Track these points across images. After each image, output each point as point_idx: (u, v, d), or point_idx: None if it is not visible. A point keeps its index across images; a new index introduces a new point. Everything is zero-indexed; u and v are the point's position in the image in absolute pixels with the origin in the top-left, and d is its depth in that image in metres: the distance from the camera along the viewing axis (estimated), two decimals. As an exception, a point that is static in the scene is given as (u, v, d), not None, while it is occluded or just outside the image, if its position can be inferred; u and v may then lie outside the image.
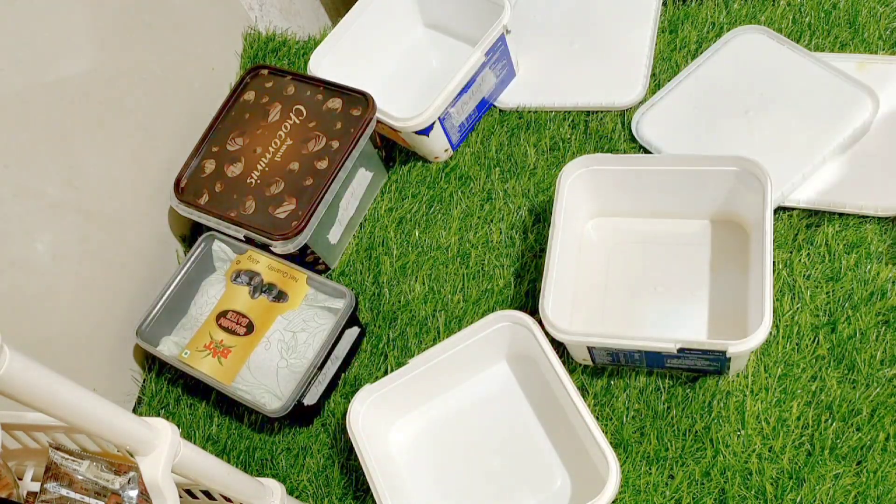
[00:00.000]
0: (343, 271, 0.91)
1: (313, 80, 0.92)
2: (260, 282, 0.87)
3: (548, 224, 0.83)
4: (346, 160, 0.85)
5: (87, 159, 0.83)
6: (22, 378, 0.41)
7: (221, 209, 0.87)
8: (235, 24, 1.09)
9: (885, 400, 0.68)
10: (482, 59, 0.87)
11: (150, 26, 0.91)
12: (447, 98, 0.86)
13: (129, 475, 0.59)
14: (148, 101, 0.92)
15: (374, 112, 0.87)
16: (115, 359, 0.90)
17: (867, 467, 0.66)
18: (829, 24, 0.88)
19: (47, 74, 0.77)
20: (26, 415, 0.60)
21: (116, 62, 0.86)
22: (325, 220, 0.86)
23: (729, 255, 0.78)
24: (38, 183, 0.78)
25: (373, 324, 0.87)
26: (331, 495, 0.79)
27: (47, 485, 0.59)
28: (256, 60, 1.08)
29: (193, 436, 0.86)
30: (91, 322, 0.86)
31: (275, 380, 0.82)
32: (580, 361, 0.77)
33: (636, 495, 0.71)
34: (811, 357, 0.72)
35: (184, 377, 0.90)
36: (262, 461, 0.83)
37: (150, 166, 0.92)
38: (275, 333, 0.84)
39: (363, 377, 0.85)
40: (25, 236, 0.77)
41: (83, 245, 0.84)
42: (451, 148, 0.93)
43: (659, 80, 0.91)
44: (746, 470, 0.69)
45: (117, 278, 0.89)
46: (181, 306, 0.90)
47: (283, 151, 0.89)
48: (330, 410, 0.84)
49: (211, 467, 0.56)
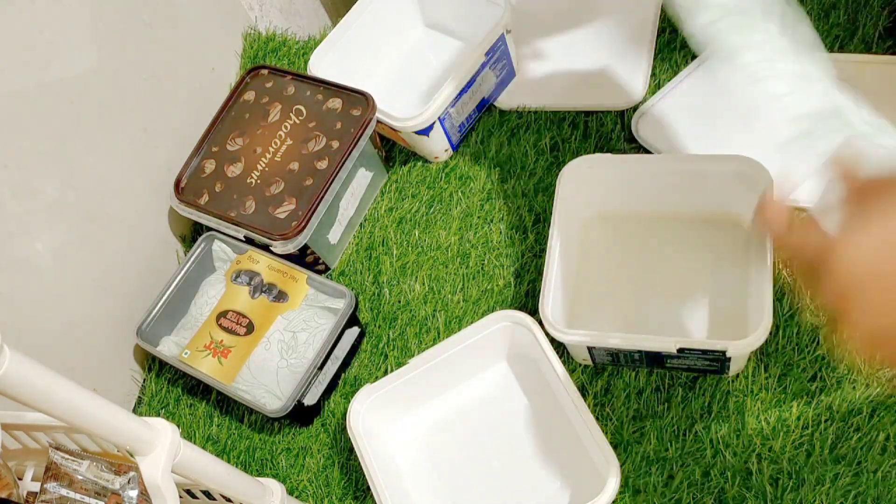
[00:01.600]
0: (343, 271, 0.91)
1: (313, 80, 0.92)
2: (260, 282, 0.87)
3: (548, 224, 0.83)
4: (346, 160, 0.85)
5: (87, 159, 0.83)
6: (22, 378, 0.41)
7: (221, 209, 0.87)
8: (235, 24, 1.09)
9: (885, 400, 0.68)
10: (482, 59, 0.87)
11: (150, 26, 0.91)
12: (447, 98, 0.86)
13: (129, 475, 0.60)
14: (148, 101, 0.92)
15: (374, 112, 0.87)
16: (115, 359, 0.90)
17: (867, 467, 0.66)
18: (829, 24, 0.88)
19: (47, 74, 0.77)
20: (26, 415, 0.60)
21: (116, 62, 0.86)
22: (325, 220, 0.86)
23: (729, 255, 0.78)
24: (38, 183, 0.78)
25: (373, 324, 0.87)
26: (331, 495, 0.79)
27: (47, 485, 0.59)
28: (256, 60, 1.08)
29: (193, 436, 0.86)
30: (91, 322, 0.86)
31: (275, 380, 0.82)
32: (580, 361, 0.77)
33: (636, 496, 0.70)
34: (811, 357, 0.72)
35: (184, 377, 0.90)
36: (262, 461, 0.83)
37: (150, 166, 0.92)
38: (275, 333, 0.84)
39: (363, 377, 0.85)
40: (25, 236, 0.77)
41: (83, 245, 0.84)
42: (451, 148, 0.93)
43: (659, 80, 0.91)
44: (746, 470, 0.69)
45: (117, 278, 0.89)
46: (181, 306, 0.90)
47: (283, 151, 0.89)
48: (330, 410, 0.84)
49: (211, 467, 0.56)
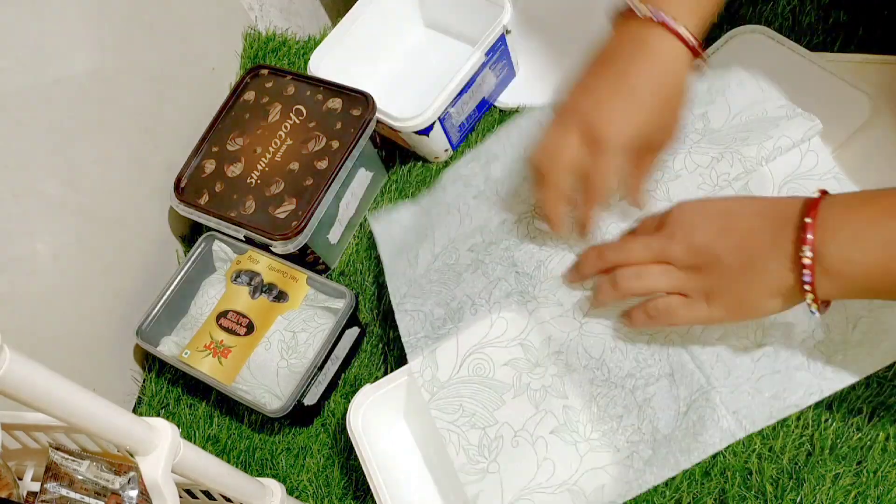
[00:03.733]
0: (343, 271, 0.91)
1: (313, 80, 0.92)
2: (260, 282, 0.87)
3: (548, 224, 0.83)
4: (346, 160, 0.85)
5: (87, 159, 0.83)
6: (22, 378, 0.41)
7: (221, 209, 0.87)
8: (235, 24, 1.09)
9: (885, 400, 0.68)
10: (482, 59, 0.87)
11: (151, 26, 0.91)
12: (447, 98, 0.86)
13: (129, 475, 0.60)
14: (148, 101, 0.92)
15: (374, 112, 0.87)
16: (115, 359, 0.90)
17: (867, 467, 0.66)
18: (828, 23, 0.88)
19: (47, 74, 0.77)
20: (26, 415, 0.60)
21: (116, 62, 0.86)
22: (325, 220, 0.86)
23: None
24: (38, 183, 0.78)
25: (373, 324, 0.87)
26: (331, 495, 0.79)
27: (47, 485, 0.59)
28: (256, 60, 1.08)
29: (193, 436, 0.86)
30: (91, 322, 0.86)
31: (275, 380, 0.82)
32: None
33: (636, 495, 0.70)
34: (811, 357, 0.72)
35: (184, 377, 0.90)
36: (262, 461, 0.83)
37: (150, 166, 0.92)
38: (275, 333, 0.84)
39: (363, 377, 0.84)
40: (25, 236, 0.77)
41: (83, 245, 0.84)
42: (452, 148, 0.93)
43: (659, 80, 0.91)
44: (746, 470, 0.69)
45: (117, 278, 0.89)
46: (181, 306, 0.90)
47: (283, 151, 0.89)
48: (330, 410, 0.84)
49: (211, 467, 0.56)
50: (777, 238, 0.54)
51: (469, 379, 0.66)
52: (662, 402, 0.61)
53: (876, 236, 0.51)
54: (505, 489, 0.63)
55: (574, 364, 0.65)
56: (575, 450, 0.64)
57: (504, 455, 0.64)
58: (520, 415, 0.65)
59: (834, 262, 0.52)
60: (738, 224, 0.57)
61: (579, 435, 0.64)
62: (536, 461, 0.64)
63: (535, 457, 0.64)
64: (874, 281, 0.52)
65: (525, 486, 0.63)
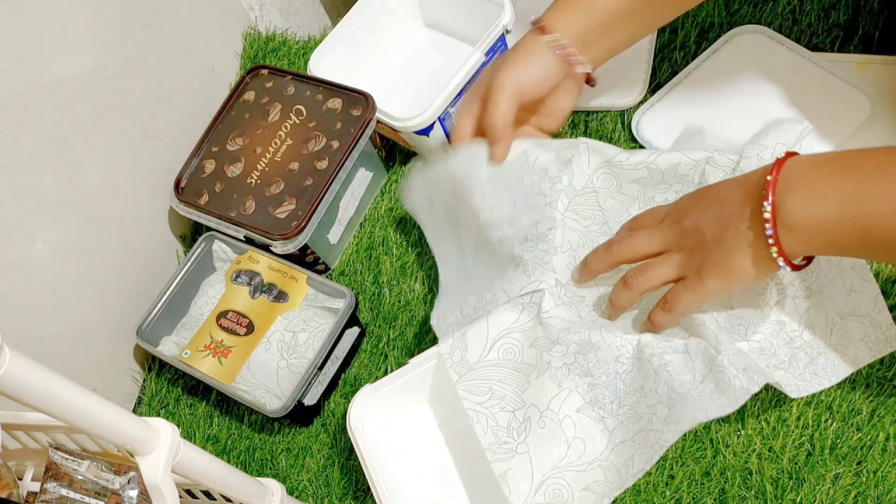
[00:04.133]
0: (343, 271, 0.91)
1: (313, 80, 0.92)
2: (260, 282, 0.87)
3: (548, 224, 0.82)
4: (346, 160, 0.85)
5: (87, 159, 0.83)
6: (22, 378, 0.41)
7: (221, 209, 0.87)
8: (235, 24, 1.09)
9: (885, 400, 0.68)
10: (482, 59, 0.87)
11: (150, 26, 0.91)
12: (447, 98, 0.86)
13: (129, 475, 0.59)
14: (148, 101, 0.92)
15: (374, 112, 0.87)
16: (115, 359, 0.90)
17: (867, 467, 0.66)
18: (828, 23, 0.88)
19: (47, 74, 0.77)
20: (26, 415, 0.60)
21: (116, 62, 0.86)
22: (325, 220, 0.86)
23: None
24: (38, 183, 0.78)
25: (373, 324, 0.87)
26: (331, 495, 0.79)
27: (47, 485, 0.59)
28: (256, 60, 1.08)
29: (193, 436, 0.86)
30: (91, 322, 0.86)
31: (275, 380, 0.82)
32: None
33: (636, 495, 0.70)
34: (811, 357, 0.72)
35: (184, 377, 0.90)
36: (262, 461, 0.83)
37: (150, 166, 0.92)
38: (275, 333, 0.84)
39: (363, 377, 0.85)
40: (25, 236, 0.77)
41: (83, 245, 0.84)
42: (451, 148, 0.93)
43: (659, 80, 0.91)
44: (746, 470, 0.69)
45: (117, 278, 0.89)
46: (181, 306, 0.90)
47: (283, 151, 0.89)
48: (330, 410, 0.84)
49: (211, 467, 0.56)
50: (746, 200, 0.58)
51: (499, 363, 0.67)
52: (679, 368, 0.62)
53: (833, 191, 0.53)
54: (535, 469, 0.64)
55: (598, 342, 0.66)
56: (603, 426, 0.66)
57: (533, 437, 0.65)
58: (544, 394, 0.66)
59: (793, 216, 0.55)
60: (716, 196, 0.62)
61: (605, 411, 0.66)
62: (566, 440, 0.65)
63: (563, 436, 0.65)
64: (833, 235, 0.54)
65: (555, 466, 0.64)
